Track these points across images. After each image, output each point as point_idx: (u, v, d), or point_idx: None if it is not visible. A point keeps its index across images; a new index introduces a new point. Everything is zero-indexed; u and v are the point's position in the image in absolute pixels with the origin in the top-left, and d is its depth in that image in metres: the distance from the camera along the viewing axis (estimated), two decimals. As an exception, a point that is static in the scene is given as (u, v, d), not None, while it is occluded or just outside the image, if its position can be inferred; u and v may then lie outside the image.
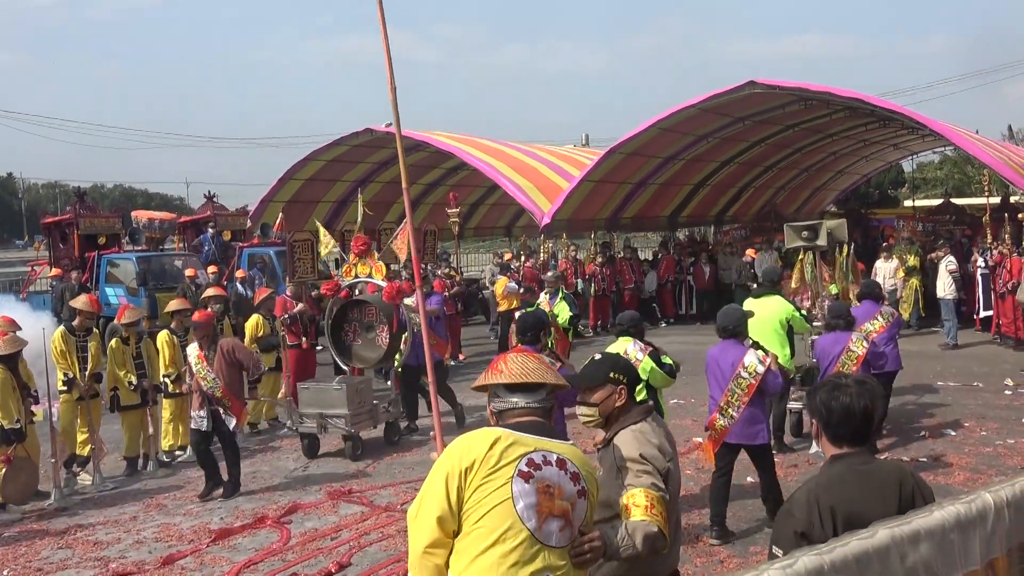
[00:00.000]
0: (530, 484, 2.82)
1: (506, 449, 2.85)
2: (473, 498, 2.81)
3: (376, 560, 6.69)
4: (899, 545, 1.99)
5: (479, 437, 2.92)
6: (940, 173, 45.67)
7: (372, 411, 10.24)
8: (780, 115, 20.92)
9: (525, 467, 2.84)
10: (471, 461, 2.83)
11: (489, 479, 2.81)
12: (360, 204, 11.14)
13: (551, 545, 2.83)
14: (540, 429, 3.01)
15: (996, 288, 15.54)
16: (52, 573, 6.87)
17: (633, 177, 22.35)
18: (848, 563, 1.90)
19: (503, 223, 30.85)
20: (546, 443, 2.94)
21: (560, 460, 2.92)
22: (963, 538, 2.11)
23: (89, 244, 18.82)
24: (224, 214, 21.02)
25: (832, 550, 1.91)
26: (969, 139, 17.80)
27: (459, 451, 2.89)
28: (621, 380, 3.57)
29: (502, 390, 3.10)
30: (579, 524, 2.92)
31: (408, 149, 23.56)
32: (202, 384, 8.67)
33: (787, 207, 28.85)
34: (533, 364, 3.15)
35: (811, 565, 1.85)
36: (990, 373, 13.06)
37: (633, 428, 3.49)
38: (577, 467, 2.95)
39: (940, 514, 2.12)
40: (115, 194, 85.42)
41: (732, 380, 6.83)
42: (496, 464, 2.82)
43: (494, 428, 2.98)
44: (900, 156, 30.67)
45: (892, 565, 1.98)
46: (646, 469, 3.33)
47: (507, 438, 2.89)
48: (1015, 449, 9.04)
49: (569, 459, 2.95)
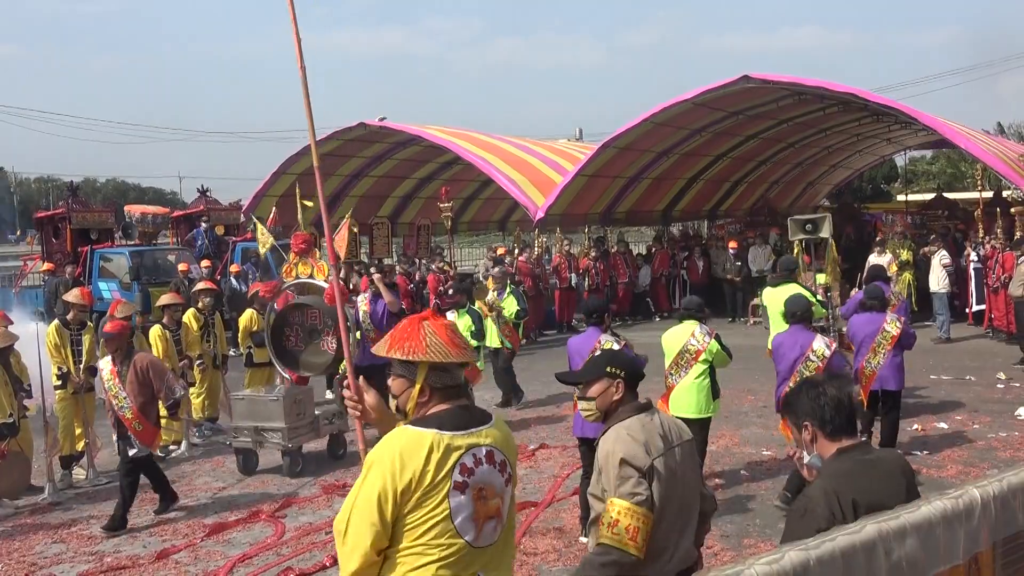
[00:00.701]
0: (466, 495, 2.70)
1: (441, 458, 2.68)
2: (410, 518, 2.65)
3: (370, 554, 6.69)
4: (885, 540, 2.01)
5: (413, 447, 2.68)
6: (933, 168, 45.80)
7: (314, 423, 9.41)
8: (774, 110, 20.93)
9: (459, 476, 2.69)
10: (407, 481, 2.63)
11: (427, 499, 2.65)
12: (298, 198, 10.53)
13: (485, 546, 2.75)
14: (468, 413, 2.87)
15: (989, 282, 15.60)
16: (46, 567, 6.88)
17: (627, 172, 22.36)
18: (834, 557, 1.91)
19: (497, 217, 30.83)
20: (475, 436, 2.79)
21: (489, 453, 2.79)
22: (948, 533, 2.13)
23: (82, 239, 18.78)
24: (217, 208, 21.00)
25: (819, 545, 1.92)
26: (962, 134, 17.82)
27: (393, 466, 2.65)
28: (619, 374, 3.57)
29: (455, 366, 2.90)
30: (506, 512, 2.86)
31: (401, 143, 23.64)
32: (112, 403, 7.83)
33: (781, 202, 28.88)
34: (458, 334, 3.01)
35: (797, 560, 1.86)
36: (982, 367, 13.11)
37: (620, 426, 3.46)
38: (504, 453, 2.85)
39: (927, 509, 2.13)
40: (108, 188, 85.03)
41: (801, 363, 7.31)
42: (432, 481, 2.65)
43: (425, 431, 2.73)
44: (894, 151, 30.70)
45: (877, 559, 1.99)
46: (625, 475, 3.28)
47: (440, 443, 2.70)
48: (1007, 442, 9.09)
49: (496, 448, 2.83)
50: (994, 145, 19.43)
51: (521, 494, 7.96)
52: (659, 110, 19.08)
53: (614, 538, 3.20)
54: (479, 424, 2.85)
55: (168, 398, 8.07)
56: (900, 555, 2.01)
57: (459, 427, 2.78)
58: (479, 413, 2.92)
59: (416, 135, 22.44)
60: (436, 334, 2.85)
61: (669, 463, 3.36)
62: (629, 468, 3.27)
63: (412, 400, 2.85)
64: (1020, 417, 10.08)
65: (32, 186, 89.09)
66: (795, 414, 3.13)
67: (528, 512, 7.42)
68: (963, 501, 2.19)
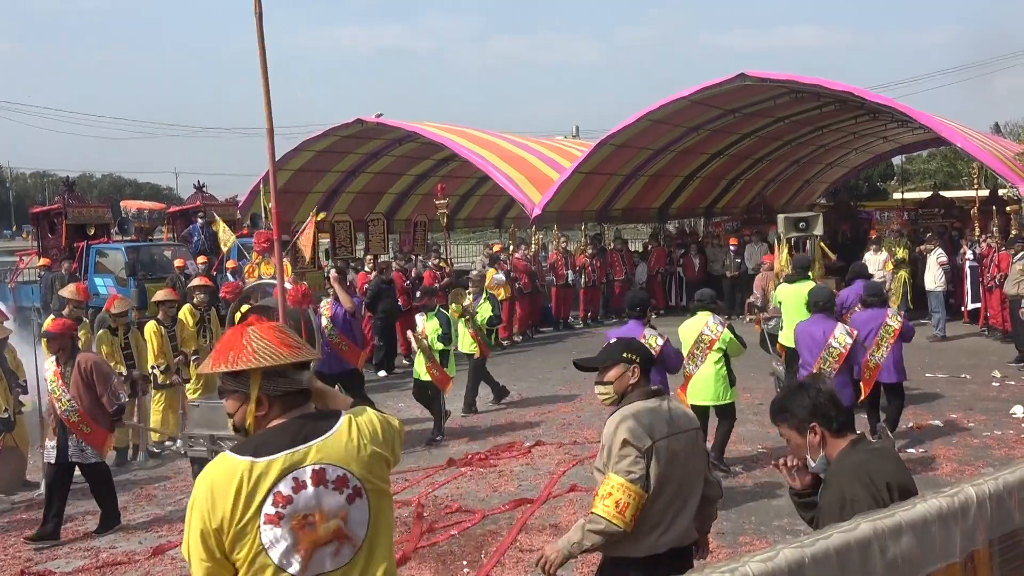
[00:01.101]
0: (282, 526, 2.45)
1: (250, 494, 2.44)
2: (232, 554, 2.46)
3: (366, 551, 6.69)
4: (880, 538, 2.02)
5: (224, 483, 2.47)
6: (929, 166, 45.81)
7: None
8: (770, 107, 20.95)
9: (272, 508, 2.44)
10: (219, 521, 2.44)
11: (240, 537, 2.44)
12: (262, 196, 10.05)
13: (329, 571, 2.52)
14: (301, 426, 2.60)
15: (984, 281, 15.63)
16: (42, 563, 6.87)
17: (624, 169, 22.37)
18: (829, 555, 1.92)
19: (493, 214, 30.83)
20: (300, 455, 2.52)
21: (318, 472, 2.51)
22: (944, 531, 2.14)
23: (78, 234, 18.73)
24: (214, 204, 20.95)
25: (814, 543, 1.93)
26: (959, 132, 17.85)
27: (204, 506, 2.46)
28: (634, 360, 3.82)
29: (292, 369, 2.64)
30: (363, 528, 2.58)
31: (398, 140, 23.62)
32: (56, 406, 7.43)
33: (777, 199, 28.90)
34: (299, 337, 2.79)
35: (792, 558, 1.87)
36: (978, 365, 13.14)
37: (628, 407, 3.69)
38: (344, 466, 2.56)
39: (923, 507, 2.14)
40: (104, 184, 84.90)
41: (824, 350, 7.70)
42: (241, 518, 2.43)
43: (239, 460, 2.50)
44: (890, 149, 30.73)
45: (873, 558, 2.00)
46: (625, 453, 3.54)
47: (251, 475, 2.46)
48: (1002, 440, 9.11)
49: (330, 463, 2.54)
50: (990, 144, 19.46)
51: (517, 491, 7.97)
52: (656, 107, 19.09)
53: (605, 510, 3.50)
54: (310, 438, 2.56)
55: (112, 403, 7.57)
56: (896, 553, 2.02)
57: (281, 447, 2.52)
58: (318, 423, 2.62)
59: (413, 131, 22.43)
60: (263, 337, 2.63)
61: (672, 447, 3.61)
62: (630, 447, 3.53)
63: (250, 415, 2.62)
64: (1015, 415, 10.10)
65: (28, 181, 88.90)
66: (797, 418, 3.13)
67: (524, 509, 7.42)
68: (959, 499, 2.20)
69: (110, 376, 7.76)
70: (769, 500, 7.43)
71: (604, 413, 9.59)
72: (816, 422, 3.07)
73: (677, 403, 3.89)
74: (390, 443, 2.72)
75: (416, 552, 6.59)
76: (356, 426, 2.66)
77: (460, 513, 7.43)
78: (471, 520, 7.20)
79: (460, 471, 8.70)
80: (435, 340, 10.02)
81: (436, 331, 10.07)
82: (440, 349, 10.07)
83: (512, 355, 15.94)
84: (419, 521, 7.20)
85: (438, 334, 10.06)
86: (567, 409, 11.35)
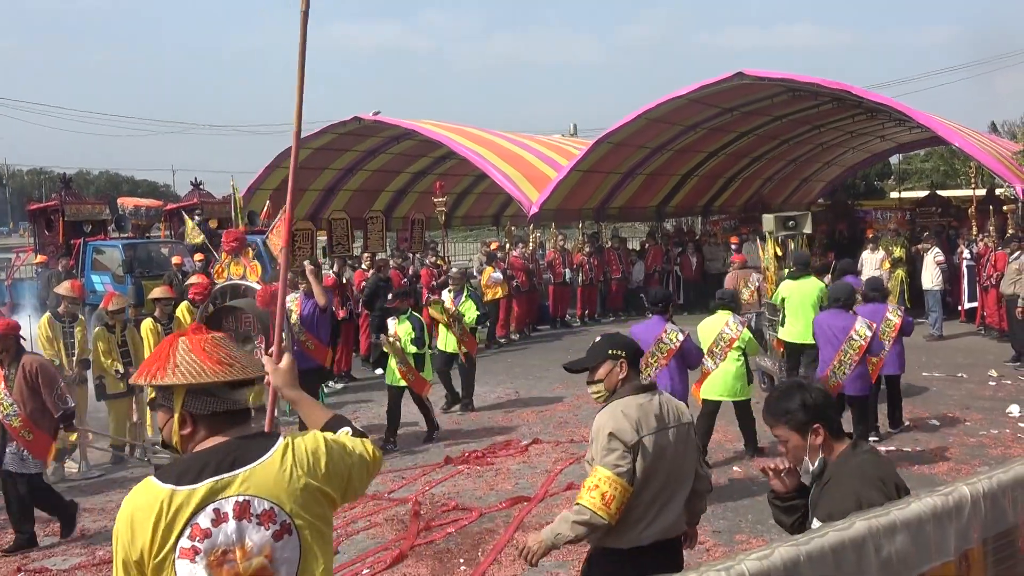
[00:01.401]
0: (198, 562, 2.25)
1: (168, 526, 2.26)
2: None
3: (364, 548, 6.71)
4: (875, 536, 2.03)
5: (144, 511, 2.29)
6: (926, 165, 45.86)
7: None
8: (768, 106, 20.94)
9: (188, 542, 2.25)
10: (139, 553, 2.28)
11: (159, 572, 2.27)
12: (235, 191, 9.66)
13: None
14: (230, 452, 2.37)
15: (981, 280, 15.66)
16: (39, 560, 6.87)
17: (621, 167, 22.36)
18: (824, 554, 1.93)
19: (491, 212, 30.80)
20: (223, 485, 2.30)
21: (242, 505, 2.30)
22: (939, 530, 2.15)
23: (75, 231, 18.70)
24: (211, 202, 20.91)
25: (809, 541, 1.94)
26: (955, 131, 17.87)
27: (125, 536, 2.30)
28: (620, 355, 3.87)
29: (222, 387, 2.42)
30: (292, 569, 2.35)
31: (396, 138, 23.59)
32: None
33: (775, 198, 28.91)
34: (240, 351, 2.53)
35: (788, 556, 1.88)
36: (974, 364, 13.16)
37: (617, 403, 3.77)
38: (271, 499, 2.33)
39: (917, 506, 2.15)
40: (101, 181, 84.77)
41: (845, 342, 8.11)
42: (159, 551, 2.26)
43: (161, 487, 2.31)
44: (888, 148, 30.75)
45: (867, 556, 2.01)
46: (612, 447, 3.62)
47: (172, 503, 2.27)
48: (998, 440, 9.13)
49: (256, 495, 2.32)
50: (988, 143, 19.48)
51: (514, 489, 7.98)
52: (654, 106, 19.08)
53: (591, 501, 3.57)
54: (238, 465, 2.34)
55: (57, 408, 7.20)
56: (890, 551, 2.02)
57: (204, 474, 2.31)
58: (249, 448, 2.39)
59: (410, 129, 22.40)
60: (190, 351, 2.41)
61: (660, 442, 3.68)
62: (616, 442, 3.61)
63: (174, 433, 2.42)
64: (1011, 414, 10.12)
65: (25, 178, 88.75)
66: (798, 418, 3.06)
67: (521, 507, 7.43)
68: (953, 498, 2.20)
69: (56, 380, 7.34)
70: (765, 498, 7.42)
71: (601, 411, 9.38)
72: (820, 423, 3.03)
73: (669, 397, 3.95)
74: (340, 477, 2.46)
75: (413, 550, 6.60)
76: (293, 454, 2.40)
77: (457, 511, 7.44)
78: (468, 518, 7.21)
79: (457, 469, 8.71)
80: (408, 343, 9.75)
81: (409, 334, 9.81)
82: (414, 353, 9.80)
83: (509, 353, 15.94)
84: (416, 519, 7.20)
85: (411, 337, 9.79)
86: (564, 407, 11.36)
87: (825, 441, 3.03)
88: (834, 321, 8.30)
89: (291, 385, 2.80)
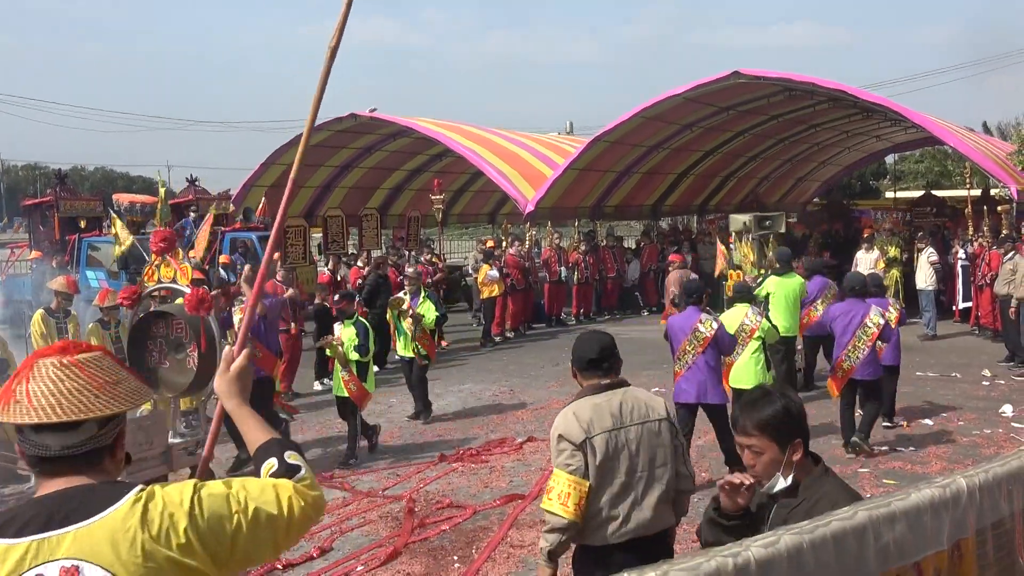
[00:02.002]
0: None
1: None
2: None
3: (358, 545, 6.70)
4: (875, 525, 2.06)
5: None
6: (921, 166, 45.99)
7: (165, 454, 7.75)
8: (764, 105, 20.98)
9: None
10: None
11: None
12: (161, 186, 9.07)
13: None
14: (68, 501, 1.91)
15: (976, 280, 15.69)
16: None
17: (617, 165, 22.38)
18: (826, 541, 1.97)
19: (487, 210, 30.83)
20: (52, 541, 1.85)
21: (68, 572, 1.83)
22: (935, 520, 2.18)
23: (70, 227, 18.69)
24: (206, 198, 20.90)
25: (813, 529, 1.97)
26: (950, 131, 17.91)
27: None
28: (571, 365, 4.09)
29: (28, 430, 1.98)
30: None
31: (392, 135, 23.58)
32: None
33: (770, 197, 28.97)
34: (79, 383, 2.01)
35: (791, 543, 1.92)
36: (968, 364, 13.19)
37: (571, 405, 3.91)
38: (106, 567, 1.84)
39: (916, 496, 2.19)
40: (96, 176, 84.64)
41: (859, 328, 8.66)
42: None
43: None
44: (883, 148, 30.84)
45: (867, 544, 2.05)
46: (561, 447, 3.77)
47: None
48: (992, 439, 9.16)
49: (87, 561, 1.84)
50: (982, 143, 19.53)
51: (508, 486, 7.98)
52: (650, 104, 19.10)
53: (549, 503, 3.69)
54: (69, 521, 1.87)
55: None
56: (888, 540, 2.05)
57: (26, 529, 1.87)
58: (89, 501, 1.92)
59: (406, 127, 22.39)
60: (26, 379, 2.02)
61: (616, 440, 3.73)
62: (564, 442, 3.75)
63: None
64: (1005, 414, 10.15)
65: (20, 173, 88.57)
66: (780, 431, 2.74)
67: (515, 504, 7.43)
68: (951, 490, 2.24)
69: None
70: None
71: (596, 408, 9.31)
72: (801, 438, 2.75)
73: (637, 396, 3.90)
74: (215, 543, 1.93)
75: (407, 547, 6.59)
76: (144, 512, 1.90)
77: (451, 508, 7.44)
78: (462, 515, 7.21)
79: (451, 467, 8.70)
80: (350, 350, 9.19)
81: (352, 341, 9.22)
82: (356, 360, 9.23)
83: (504, 351, 15.95)
84: (410, 516, 7.20)
85: (354, 344, 9.19)
86: (559, 405, 11.33)
87: (801, 458, 2.74)
88: (849, 309, 8.90)
89: (232, 394, 2.37)
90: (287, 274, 12.25)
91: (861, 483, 7.72)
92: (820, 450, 6.73)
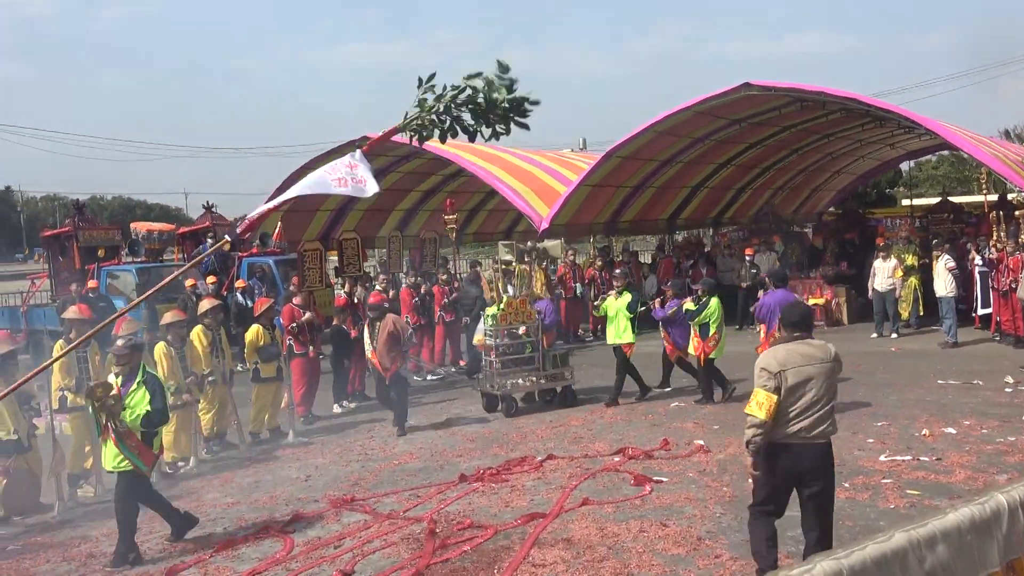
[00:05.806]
0: None
1: None
2: None
3: (379, 568, 6.69)
4: (916, 548, 1.99)
5: None
6: (937, 172, 45.73)
7: None
8: (776, 116, 20.93)
9: None
10: None
11: None
12: None
13: None
14: None
15: (998, 286, 15.54)
16: (56, 586, 6.87)
17: (630, 180, 22.36)
18: (867, 566, 1.89)
19: (502, 228, 30.84)
20: None
21: None
22: (980, 539, 2.10)
23: (89, 256, 18.86)
24: (223, 224, 21.05)
25: (850, 554, 1.91)
26: (964, 137, 17.79)
27: None
28: (780, 320, 6.06)
29: None
30: None
31: (405, 156, 23.65)
32: None
33: (785, 208, 28.86)
34: None
35: (829, 569, 1.86)
36: (990, 371, 13.06)
37: (771, 348, 5.87)
38: None
39: (954, 516, 2.11)
40: (114, 206, 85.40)
41: None
42: None
43: None
44: (897, 155, 30.67)
45: (911, 568, 1.97)
46: (761, 374, 5.57)
47: None
48: (1016, 447, 9.04)
49: None
50: (997, 148, 19.39)
51: (529, 505, 7.95)
52: (661, 119, 19.09)
53: (750, 407, 5.48)
54: None
55: None
56: (934, 563, 1.98)
57: None
58: None
59: (419, 147, 22.45)
60: None
61: (803, 372, 5.47)
62: (763, 371, 5.50)
63: None
64: (1029, 421, 10.03)
65: (39, 204, 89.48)
66: None
67: (536, 523, 7.40)
68: (989, 507, 2.16)
69: None
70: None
71: (615, 427, 9.71)
72: None
73: (815, 344, 5.63)
74: None
75: (429, 568, 6.58)
76: None
77: (472, 529, 7.41)
78: (483, 536, 7.19)
79: (472, 487, 8.68)
80: None
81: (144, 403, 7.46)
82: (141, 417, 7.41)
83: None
84: (431, 538, 7.19)
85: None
86: (578, 422, 11.33)
87: None
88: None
89: None
90: (304, 297, 12.31)
91: (885, 493, 7.65)
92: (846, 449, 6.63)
